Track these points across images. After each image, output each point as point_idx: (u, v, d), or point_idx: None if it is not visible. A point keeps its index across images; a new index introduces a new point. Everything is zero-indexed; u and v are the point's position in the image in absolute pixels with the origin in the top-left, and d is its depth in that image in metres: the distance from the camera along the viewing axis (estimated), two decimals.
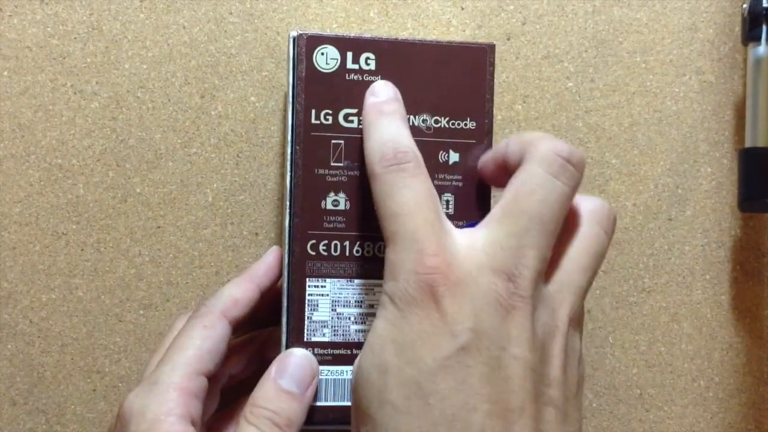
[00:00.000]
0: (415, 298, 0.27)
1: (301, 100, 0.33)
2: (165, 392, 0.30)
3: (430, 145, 0.33)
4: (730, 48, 0.41)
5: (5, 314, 0.40)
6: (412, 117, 0.33)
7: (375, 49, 0.33)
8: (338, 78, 0.33)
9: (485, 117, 0.34)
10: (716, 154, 0.41)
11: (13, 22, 0.39)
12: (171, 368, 0.31)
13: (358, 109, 0.33)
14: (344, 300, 0.33)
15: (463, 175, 0.34)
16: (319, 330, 0.33)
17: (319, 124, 0.33)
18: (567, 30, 0.41)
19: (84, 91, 0.40)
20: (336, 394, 0.33)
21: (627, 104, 0.41)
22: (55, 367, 0.40)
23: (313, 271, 0.33)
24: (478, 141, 0.34)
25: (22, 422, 0.40)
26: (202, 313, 0.33)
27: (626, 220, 0.41)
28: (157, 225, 0.40)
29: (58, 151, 0.40)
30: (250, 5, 0.40)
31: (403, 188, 0.29)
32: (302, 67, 0.33)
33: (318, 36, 0.33)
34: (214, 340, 0.32)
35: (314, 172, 0.33)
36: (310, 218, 0.33)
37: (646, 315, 0.41)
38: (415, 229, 0.28)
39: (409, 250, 0.27)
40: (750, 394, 0.41)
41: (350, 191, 0.33)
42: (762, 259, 0.41)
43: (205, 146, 0.40)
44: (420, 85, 0.33)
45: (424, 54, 0.34)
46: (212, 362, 0.32)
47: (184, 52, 0.40)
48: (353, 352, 0.33)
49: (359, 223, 0.33)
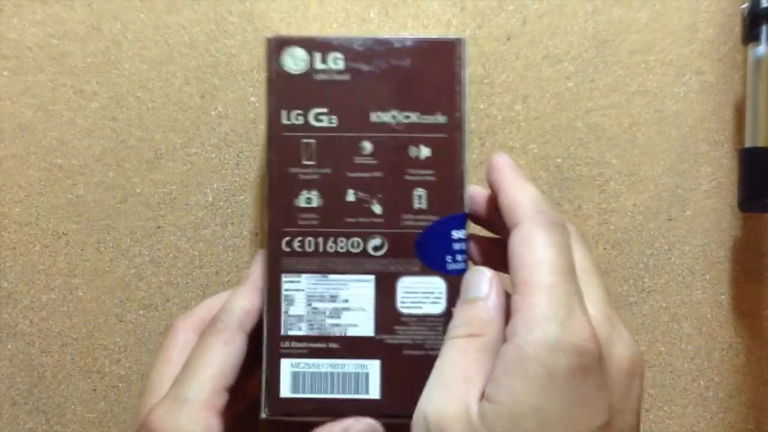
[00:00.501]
0: (568, 365, 0.25)
1: (272, 100, 0.34)
2: (197, 411, 0.30)
3: (401, 140, 0.34)
4: (730, 48, 0.41)
5: (5, 314, 0.40)
6: (381, 113, 0.34)
7: (342, 49, 0.34)
8: (307, 78, 0.34)
9: (456, 111, 0.34)
10: (716, 154, 0.41)
11: (13, 22, 0.39)
12: (199, 385, 0.31)
13: (328, 108, 0.34)
14: (319, 295, 0.34)
15: (436, 170, 0.34)
16: (295, 324, 0.33)
17: (290, 124, 0.34)
18: (567, 30, 0.41)
19: (84, 91, 0.40)
20: (312, 386, 0.33)
21: (627, 104, 0.41)
22: (55, 367, 0.40)
23: (288, 267, 0.34)
24: (449, 135, 0.34)
25: (22, 422, 0.40)
26: (220, 329, 0.33)
27: (626, 220, 0.41)
28: (157, 225, 0.40)
29: (58, 151, 0.40)
30: (250, 5, 0.40)
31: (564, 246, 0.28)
32: (272, 68, 0.34)
33: (286, 38, 0.34)
34: (235, 355, 0.32)
35: (287, 171, 0.34)
36: (284, 216, 0.34)
37: (646, 315, 0.41)
38: (571, 288, 0.27)
39: (564, 308, 0.26)
40: (750, 394, 0.41)
41: (322, 189, 0.34)
42: (762, 259, 0.41)
43: (205, 146, 0.40)
44: (389, 81, 0.34)
45: (392, 50, 0.34)
46: (234, 377, 0.32)
47: (184, 52, 0.40)
48: (329, 346, 0.33)
49: (332, 219, 0.34)
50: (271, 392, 0.33)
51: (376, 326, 0.33)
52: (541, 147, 0.40)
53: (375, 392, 0.33)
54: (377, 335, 0.33)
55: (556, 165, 0.40)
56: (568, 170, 0.40)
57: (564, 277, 0.27)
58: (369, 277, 0.34)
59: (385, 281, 0.33)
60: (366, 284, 0.34)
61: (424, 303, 0.33)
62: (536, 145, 0.40)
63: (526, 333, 0.26)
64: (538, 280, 0.27)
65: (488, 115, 0.40)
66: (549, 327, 0.26)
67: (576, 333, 0.26)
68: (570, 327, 0.26)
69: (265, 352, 0.33)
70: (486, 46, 0.40)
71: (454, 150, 0.34)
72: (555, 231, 0.29)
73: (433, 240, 0.33)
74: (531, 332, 0.26)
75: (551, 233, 0.28)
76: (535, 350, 0.26)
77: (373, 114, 0.34)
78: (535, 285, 0.27)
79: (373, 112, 0.34)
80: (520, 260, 0.28)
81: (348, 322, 0.33)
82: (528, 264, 0.28)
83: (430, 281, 0.33)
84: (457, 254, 0.33)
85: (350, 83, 0.34)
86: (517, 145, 0.40)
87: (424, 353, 0.33)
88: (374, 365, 0.33)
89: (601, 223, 0.40)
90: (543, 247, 0.28)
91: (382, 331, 0.33)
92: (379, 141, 0.34)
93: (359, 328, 0.33)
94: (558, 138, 0.40)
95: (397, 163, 0.34)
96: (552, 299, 0.27)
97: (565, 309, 0.26)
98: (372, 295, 0.33)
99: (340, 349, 0.33)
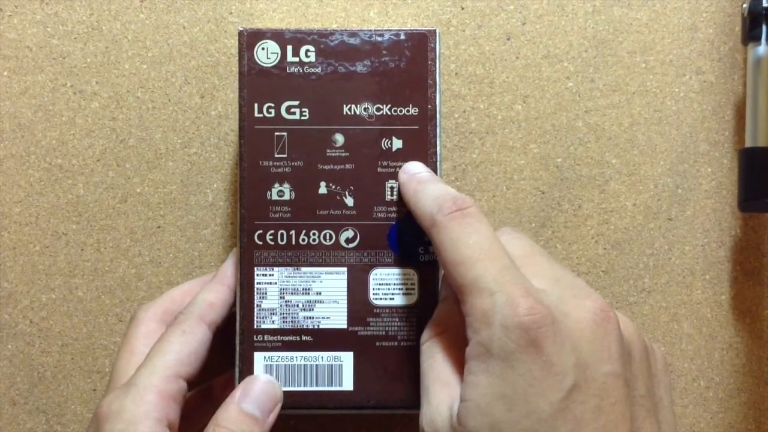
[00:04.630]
0: (518, 345, 0.26)
1: (244, 94, 0.34)
2: (143, 394, 0.30)
3: (373, 132, 0.34)
4: (730, 48, 0.41)
5: (5, 314, 0.40)
6: (354, 106, 0.34)
7: (314, 42, 0.34)
8: (279, 71, 0.34)
9: (428, 103, 0.34)
10: (716, 154, 0.41)
11: (13, 22, 0.39)
12: (150, 371, 0.31)
13: (299, 101, 0.34)
14: (292, 288, 0.34)
15: (408, 162, 0.34)
16: (268, 317, 0.34)
17: (262, 117, 0.34)
18: (567, 30, 0.41)
19: (84, 91, 0.40)
20: (286, 379, 0.33)
21: (627, 104, 0.41)
22: (55, 367, 0.40)
23: (261, 260, 0.34)
24: (422, 127, 0.34)
25: (22, 422, 0.40)
26: (180, 320, 0.33)
27: (626, 220, 0.41)
28: (157, 225, 0.40)
29: (58, 151, 0.40)
30: (250, 5, 0.40)
31: (473, 233, 0.29)
32: (244, 62, 0.34)
33: (258, 31, 0.34)
34: (193, 344, 0.32)
35: (259, 164, 0.34)
36: (256, 209, 0.34)
37: (646, 315, 0.41)
38: (498, 272, 0.27)
39: (498, 295, 0.27)
40: (750, 394, 0.41)
41: (294, 181, 0.34)
42: (762, 259, 0.41)
43: (205, 146, 0.40)
44: (361, 73, 0.34)
45: (364, 43, 0.34)
46: (192, 366, 0.32)
47: (184, 52, 0.40)
48: (302, 339, 0.34)
49: (304, 212, 0.34)
50: None
51: (349, 318, 0.34)
52: (541, 147, 0.40)
53: (348, 384, 0.33)
54: (350, 327, 0.34)
55: (556, 165, 0.40)
56: (568, 170, 0.40)
57: (485, 264, 0.28)
58: (342, 270, 0.34)
59: (357, 273, 0.34)
60: (339, 276, 0.34)
61: (397, 294, 0.34)
62: (536, 145, 0.40)
63: (472, 333, 0.27)
64: (462, 283, 0.28)
65: (488, 115, 0.40)
66: (491, 318, 0.27)
67: (517, 311, 0.26)
68: (510, 308, 0.26)
69: (239, 345, 0.33)
70: (486, 46, 0.40)
71: (426, 142, 0.34)
72: (455, 223, 0.29)
73: (406, 232, 0.34)
74: (476, 331, 0.27)
75: (451, 229, 0.29)
76: (487, 343, 0.27)
77: (345, 106, 0.34)
78: (465, 286, 0.28)
79: (344, 104, 0.34)
80: (443, 268, 0.29)
81: (321, 314, 0.34)
82: (449, 268, 0.29)
83: (403, 272, 0.34)
84: (429, 245, 0.34)
85: (322, 76, 0.34)
86: (517, 145, 0.40)
87: (396, 344, 0.33)
88: (348, 357, 0.33)
89: (601, 223, 0.40)
90: (450, 248, 0.29)
91: (355, 323, 0.34)
92: (350, 133, 0.34)
93: (332, 320, 0.34)
94: (558, 138, 0.40)
95: (369, 155, 0.34)
96: (483, 292, 0.27)
97: (501, 295, 0.27)
98: (345, 287, 0.34)
99: (313, 342, 0.34)
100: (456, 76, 0.40)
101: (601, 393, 0.26)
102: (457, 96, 0.40)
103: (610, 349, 0.27)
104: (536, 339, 0.26)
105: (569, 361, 0.26)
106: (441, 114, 0.34)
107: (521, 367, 0.26)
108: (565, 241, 0.40)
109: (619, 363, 0.27)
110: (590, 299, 0.28)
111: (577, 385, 0.26)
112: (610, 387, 0.26)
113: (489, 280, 0.27)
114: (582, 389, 0.26)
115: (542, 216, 0.40)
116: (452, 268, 0.28)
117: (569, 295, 0.28)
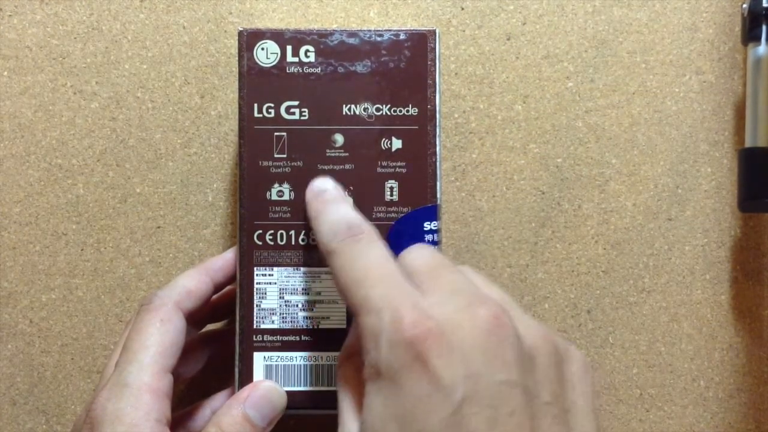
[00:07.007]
0: (404, 362, 0.25)
1: (244, 94, 0.34)
2: (139, 395, 0.30)
3: (373, 132, 0.34)
4: (730, 48, 0.41)
5: (5, 314, 0.40)
6: (353, 106, 0.34)
7: (314, 42, 0.34)
8: (279, 71, 0.34)
9: (427, 103, 0.34)
10: (716, 154, 0.41)
11: (13, 22, 0.39)
12: (139, 368, 0.30)
13: (299, 101, 0.34)
14: (291, 288, 0.34)
15: (407, 162, 0.34)
16: (268, 317, 0.34)
17: (262, 118, 0.34)
18: (567, 30, 0.41)
19: (84, 91, 0.40)
20: (285, 379, 0.33)
21: (627, 104, 0.41)
22: (55, 367, 0.40)
23: (261, 260, 0.34)
24: (421, 127, 0.34)
25: (22, 422, 0.40)
26: (157, 306, 0.32)
27: (626, 220, 0.41)
28: (157, 225, 0.40)
29: (58, 151, 0.40)
30: (250, 5, 0.40)
31: (362, 256, 0.28)
32: (244, 62, 0.34)
33: (258, 31, 0.34)
34: (172, 334, 0.32)
35: (258, 164, 0.34)
36: (256, 209, 0.34)
37: (646, 315, 0.41)
38: (385, 291, 0.27)
39: (384, 312, 0.26)
40: (750, 394, 0.41)
41: (294, 182, 0.34)
42: (762, 259, 0.41)
43: (205, 146, 0.40)
44: (360, 74, 0.34)
45: (364, 43, 0.34)
46: (173, 357, 0.32)
47: (184, 52, 0.40)
48: (301, 339, 0.34)
49: (304, 212, 0.34)
50: (244, 386, 0.33)
51: (348, 318, 0.34)
52: (541, 147, 0.40)
53: None
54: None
55: (556, 165, 0.40)
56: (568, 170, 0.40)
57: (373, 283, 0.27)
58: None
59: None
60: None
61: None
62: (536, 145, 0.40)
63: (365, 354, 0.27)
64: (353, 303, 0.27)
65: (488, 115, 0.40)
66: (378, 336, 0.26)
67: (401, 326, 0.26)
68: (394, 324, 0.26)
69: (238, 345, 0.34)
70: (486, 46, 0.40)
71: (425, 142, 0.34)
72: (347, 248, 0.29)
73: (405, 231, 0.34)
74: (368, 352, 0.26)
75: (343, 254, 0.29)
76: (375, 363, 0.26)
77: (345, 107, 0.34)
78: (354, 306, 0.27)
79: (344, 104, 0.34)
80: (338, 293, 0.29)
81: (320, 314, 0.34)
82: (342, 292, 0.28)
83: None
84: None
85: (322, 76, 0.34)
86: (517, 145, 0.40)
87: None
88: None
89: (601, 223, 0.40)
90: (342, 272, 0.28)
91: None
92: (350, 134, 0.34)
93: (332, 320, 0.34)
94: (558, 138, 0.40)
95: (368, 155, 0.34)
96: (371, 311, 0.27)
97: (386, 312, 0.26)
98: None
99: (313, 342, 0.34)
100: (456, 76, 0.40)
101: (496, 403, 0.25)
102: (457, 96, 0.40)
103: (504, 357, 0.26)
104: (421, 353, 0.25)
105: (459, 372, 0.25)
106: (441, 114, 0.34)
107: (408, 384, 0.25)
108: (565, 241, 0.40)
109: (515, 371, 0.26)
110: (484, 307, 0.26)
111: (468, 397, 0.25)
112: (506, 396, 0.25)
113: (376, 299, 0.27)
114: (474, 401, 0.25)
115: (542, 216, 0.40)
116: (344, 291, 0.28)
117: (464, 305, 0.27)
